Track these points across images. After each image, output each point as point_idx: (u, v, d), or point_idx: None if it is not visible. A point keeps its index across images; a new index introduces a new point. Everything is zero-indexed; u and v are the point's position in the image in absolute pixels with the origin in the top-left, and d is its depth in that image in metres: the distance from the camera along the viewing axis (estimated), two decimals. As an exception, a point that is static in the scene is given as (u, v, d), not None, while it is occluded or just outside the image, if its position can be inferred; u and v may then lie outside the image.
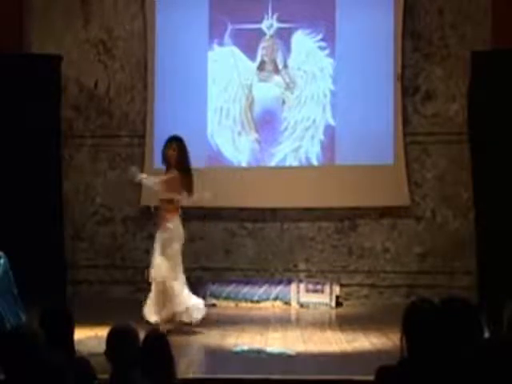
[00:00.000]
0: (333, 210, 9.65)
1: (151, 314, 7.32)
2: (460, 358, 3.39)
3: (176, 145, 7.49)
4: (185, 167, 7.45)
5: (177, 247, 7.40)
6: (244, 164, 9.75)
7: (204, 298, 8.37)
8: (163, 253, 7.35)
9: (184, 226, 7.49)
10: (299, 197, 9.53)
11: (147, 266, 7.56)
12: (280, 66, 9.75)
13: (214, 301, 9.20)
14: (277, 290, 9.41)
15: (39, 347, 3.42)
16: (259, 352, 6.50)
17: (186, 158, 7.49)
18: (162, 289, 7.34)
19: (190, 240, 8.06)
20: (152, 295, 7.41)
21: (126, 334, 3.65)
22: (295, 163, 9.69)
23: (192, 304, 7.43)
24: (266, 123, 9.76)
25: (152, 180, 7.54)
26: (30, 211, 9.11)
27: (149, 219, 9.56)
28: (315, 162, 9.66)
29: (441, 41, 9.59)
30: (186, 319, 7.38)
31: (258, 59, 9.76)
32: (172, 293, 7.32)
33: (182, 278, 7.43)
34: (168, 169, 7.50)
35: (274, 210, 9.72)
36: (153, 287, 7.41)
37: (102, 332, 5.79)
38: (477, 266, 9.06)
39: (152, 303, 7.38)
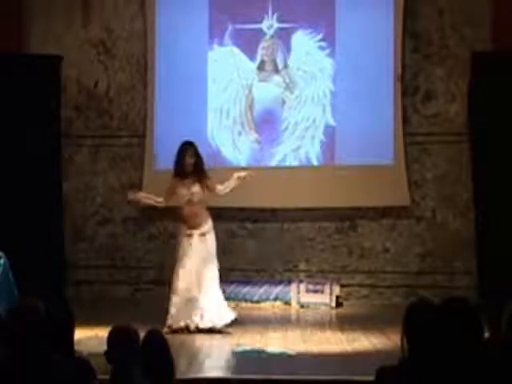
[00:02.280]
0: (333, 210, 9.64)
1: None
2: (460, 358, 3.39)
3: (193, 150, 7.45)
4: (203, 170, 7.48)
5: None
6: (244, 164, 9.72)
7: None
8: None
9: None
10: (299, 197, 9.52)
11: (147, 265, 7.56)
12: (280, 66, 9.74)
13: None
14: (277, 290, 9.41)
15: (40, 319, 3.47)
16: (260, 352, 6.50)
17: (202, 161, 7.51)
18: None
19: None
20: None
21: (126, 334, 3.65)
22: (295, 163, 9.68)
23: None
24: (266, 123, 9.76)
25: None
26: (30, 211, 9.11)
27: (149, 219, 9.60)
28: (315, 162, 9.66)
29: (441, 41, 9.58)
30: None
31: (258, 59, 9.76)
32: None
33: None
34: (184, 176, 7.44)
35: (274, 210, 9.71)
36: None
37: (102, 332, 5.81)
38: (477, 266, 9.07)
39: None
